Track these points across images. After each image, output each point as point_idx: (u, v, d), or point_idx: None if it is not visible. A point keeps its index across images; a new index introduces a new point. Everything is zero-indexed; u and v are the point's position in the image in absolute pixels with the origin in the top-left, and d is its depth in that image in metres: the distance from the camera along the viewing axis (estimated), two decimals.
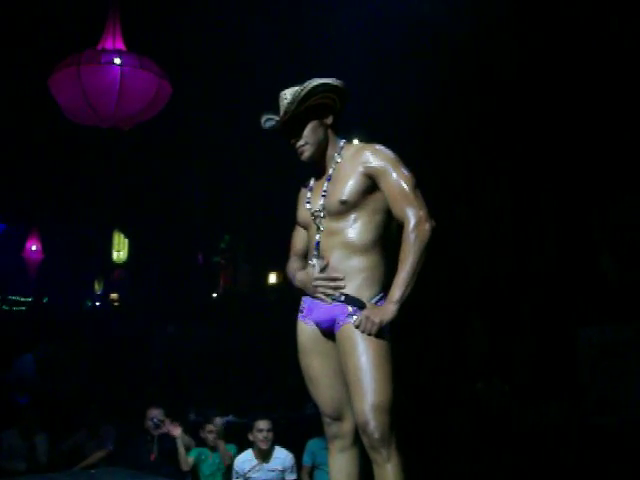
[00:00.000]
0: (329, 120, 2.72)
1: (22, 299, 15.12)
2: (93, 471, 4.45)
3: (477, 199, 9.26)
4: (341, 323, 2.58)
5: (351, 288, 2.60)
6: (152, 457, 5.67)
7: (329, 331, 2.67)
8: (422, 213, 2.56)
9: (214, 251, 14.08)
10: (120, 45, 6.36)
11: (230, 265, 13.62)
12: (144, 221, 12.99)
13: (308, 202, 2.77)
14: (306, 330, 2.74)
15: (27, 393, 7.82)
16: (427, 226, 2.54)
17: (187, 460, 5.58)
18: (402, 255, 2.53)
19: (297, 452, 5.66)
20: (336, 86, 2.67)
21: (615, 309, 7.30)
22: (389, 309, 2.51)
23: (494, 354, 8.74)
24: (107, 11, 6.49)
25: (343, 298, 2.60)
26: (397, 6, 6.52)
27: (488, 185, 9.12)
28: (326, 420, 2.77)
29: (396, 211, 2.60)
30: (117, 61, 5.95)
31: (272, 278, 13.03)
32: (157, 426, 5.66)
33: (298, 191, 2.89)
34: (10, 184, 11.91)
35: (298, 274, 2.82)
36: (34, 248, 13.48)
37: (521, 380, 8.07)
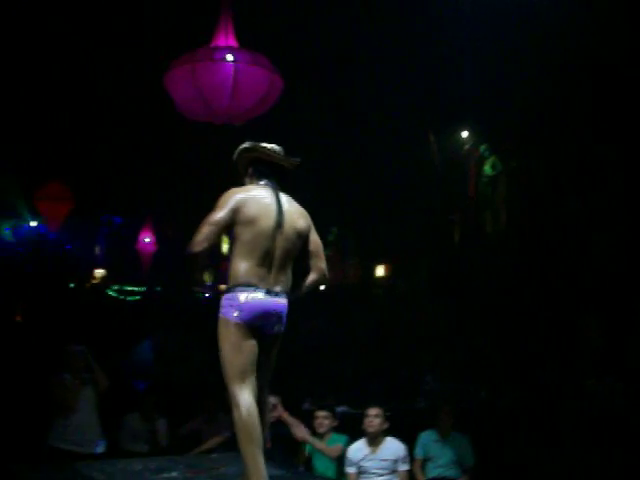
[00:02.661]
0: (250, 171, 3.69)
1: (136, 289, 15.63)
2: (214, 455, 4.60)
3: (590, 192, 8.98)
4: None
5: None
6: (267, 445, 5.81)
7: None
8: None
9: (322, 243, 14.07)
10: (232, 42, 6.47)
11: (338, 258, 13.69)
12: None
13: None
14: None
15: (145, 378, 8.15)
16: (189, 246, 3.32)
17: (331, 450, 5.66)
18: None
19: (408, 445, 5.68)
20: (245, 148, 3.65)
21: None
22: None
23: (607, 351, 8.46)
24: (219, 9, 6.63)
25: None
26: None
27: (601, 178, 8.82)
28: None
29: None
30: (230, 58, 6.03)
31: (380, 271, 13.03)
32: (270, 410, 5.80)
33: None
34: (125, 178, 12.40)
35: None
36: (147, 240, 13.87)
37: (635, 378, 7.78)
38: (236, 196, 3.45)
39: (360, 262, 13.30)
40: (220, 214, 3.36)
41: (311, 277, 3.68)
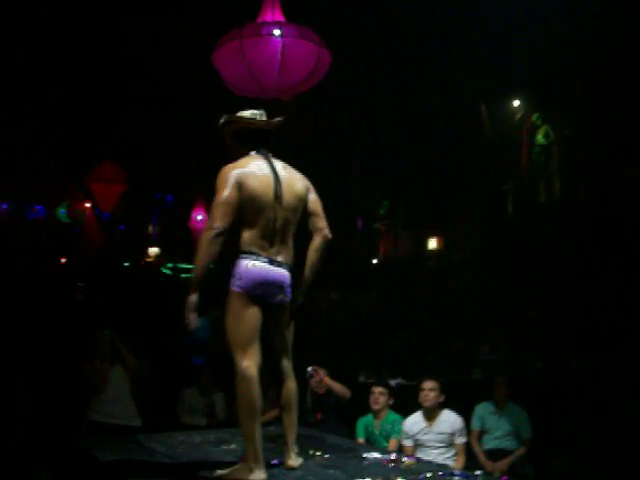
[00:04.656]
0: (236, 144, 3.59)
1: (190, 267, 15.80)
2: (271, 428, 4.64)
3: None
4: None
5: None
6: (318, 416, 5.87)
7: None
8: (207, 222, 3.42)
9: (373, 217, 14.14)
10: (279, 17, 6.44)
11: (390, 231, 13.65)
12: None
13: None
14: None
15: (203, 354, 8.26)
16: (204, 231, 3.36)
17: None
18: None
19: (465, 417, 5.65)
20: (224, 122, 3.54)
21: None
22: None
23: None
24: None
25: None
26: None
27: None
28: None
29: None
30: (277, 32, 6.00)
31: (432, 243, 12.96)
32: (311, 376, 5.86)
33: None
34: (175, 157, 12.54)
35: None
36: (199, 217, 14.02)
37: None
38: (233, 172, 3.36)
39: (412, 235, 13.24)
40: (226, 192, 3.31)
41: (313, 243, 3.53)
